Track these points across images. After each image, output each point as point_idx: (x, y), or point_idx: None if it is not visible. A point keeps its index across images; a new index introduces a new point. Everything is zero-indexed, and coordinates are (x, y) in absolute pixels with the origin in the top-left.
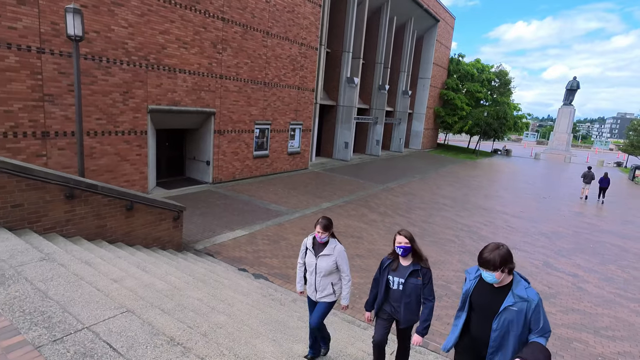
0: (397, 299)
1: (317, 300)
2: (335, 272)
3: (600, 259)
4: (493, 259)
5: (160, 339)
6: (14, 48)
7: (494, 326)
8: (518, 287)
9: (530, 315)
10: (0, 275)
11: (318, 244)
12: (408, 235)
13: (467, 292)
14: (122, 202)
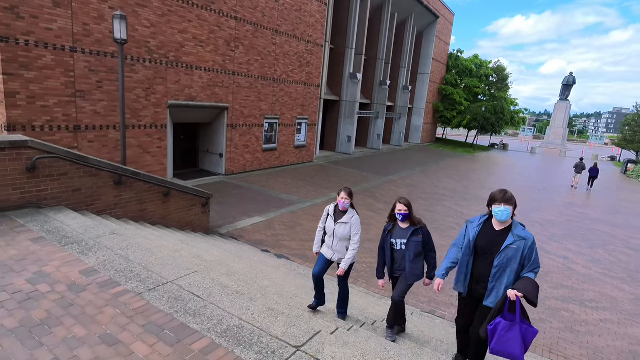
0: (402, 259)
1: (332, 260)
2: (349, 239)
3: (589, 244)
4: (512, 197)
5: (229, 291)
6: (50, 47)
7: (495, 263)
8: (517, 229)
9: (526, 252)
10: (85, 245)
11: (339, 212)
12: (407, 203)
13: (472, 238)
14: (160, 189)
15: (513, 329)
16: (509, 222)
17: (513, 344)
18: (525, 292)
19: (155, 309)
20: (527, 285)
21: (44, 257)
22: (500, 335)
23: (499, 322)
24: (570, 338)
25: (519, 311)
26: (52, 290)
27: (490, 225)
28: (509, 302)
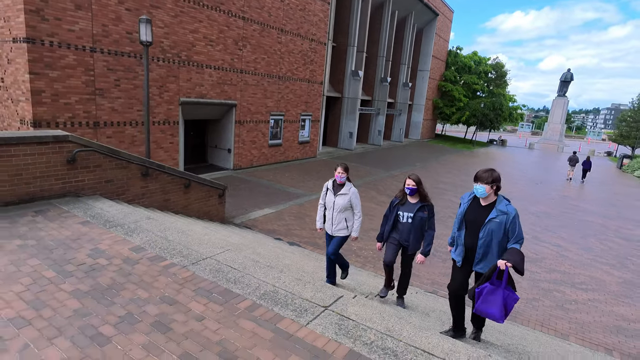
0: (407, 231)
1: (333, 234)
2: (349, 210)
3: (582, 234)
4: (486, 176)
5: (260, 265)
6: (72, 48)
7: (480, 235)
8: (501, 204)
9: (508, 225)
10: (127, 227)
11: (337, 185)
12: (416, 179)
13: (462, 213)
14: (182, 181)
15: (496, 293)
16: (492, 198)
17: (494, 305)
18: (514, 262)
19: (201, 278)
20: (515, 256)
21: (95, 237)
22: (485, 297)
23: (485, 286)
24: (561, 314)
25: (506, 278)
26: (111, 263)
27: (478, 201)
28: (498, 271)
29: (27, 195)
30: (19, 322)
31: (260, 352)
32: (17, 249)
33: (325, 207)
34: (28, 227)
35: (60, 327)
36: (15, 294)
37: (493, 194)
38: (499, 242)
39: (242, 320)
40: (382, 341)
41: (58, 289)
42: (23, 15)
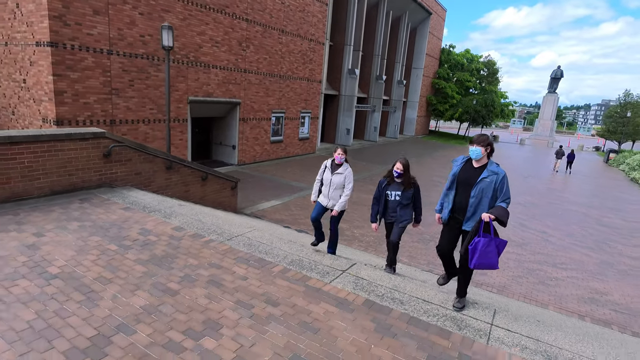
0: (395, 207)
1: (326, 206)
2: (343, 188)
3: (566, 222)
4: (482, 139)
5: (284, 240)
6: (91, 51)
7: (472, 193)
8: (491, 166)
9: (497, 185)
10: (164, 212)
11: (335, 165)
12: (405, 164)
13: (454, 174)
14: (199, 173)
15: (491, 244)
16: (484, 160)
17: (492, 255)
18: (498, 215)
19: (237, 250)
20: (499, 210)
21: (140, 220)
22: (482, 251)
23: (478, 241)
24: (542, 289)
25: (493, 230)
26: (159, 239)
27: (470, 163)
28: (484, 224)
29: (70, 186)
30: (102, 280)
31: (296, 300)
32: (78, 228)
33: (322, 183)
34: (80, 212)
35: (137, 284)
36: (91, 261)
37: (486, 156)
38: (489, 201)
39: (278, 279)
40: (391, 294)
41: (123, 257)
42: (47, 21)
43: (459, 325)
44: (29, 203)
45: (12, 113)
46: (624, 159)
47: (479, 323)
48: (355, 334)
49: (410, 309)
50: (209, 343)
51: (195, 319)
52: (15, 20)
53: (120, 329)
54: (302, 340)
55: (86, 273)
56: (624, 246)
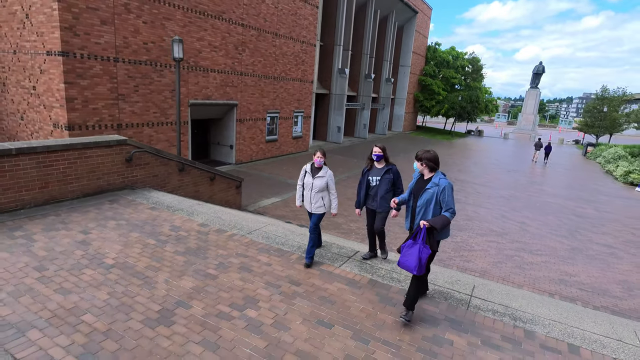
0: (375, 192)
1: (312, 211)
2: (325, 190)
3: (543, 213)
4: (420, 155)
5: (296, 234)
6: (99, 59)
7: (418, 203)
8: (436, 177)
9: (439, 195)
10: (187, 210)
11: (315, 168)
12: (381, 147)
13: (411, 185)
14: (208, 174)
15: (413, 247)
16: (429, 173)
17: (411, 258)
18: (432, 223)
19: (258, 242)
20: (437, 219)
21: (167, 218)
22: (405, 252)
23: (407, 242)
24: (518, 272)
25: (422, 235)
26: (189, 235)
27: (423, 176)
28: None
29: (98, 188)
30: (152, 268)
31: (314, 280)
32: (116, 226)
33: (304, 188)
34: (113, 212)
35: (181, 271)
36: (138, 254)
37: (427, 170)
38: (433, 210)
39: (296, 265)
40: (390, 274)
41: (163, 250)
42: (58, 32)
43: (445, 296)
44: (65, 205)
45: (21, 118)
46: (600, 152)
47: (461, 295)
48: (363, 304)
49: (406, 286)
50: (251, 313)
51: (236, 296)
52: (25, 29)
53: (179, 304)
54: (323, 310)
55: (137, 263)
56: (593, 234)
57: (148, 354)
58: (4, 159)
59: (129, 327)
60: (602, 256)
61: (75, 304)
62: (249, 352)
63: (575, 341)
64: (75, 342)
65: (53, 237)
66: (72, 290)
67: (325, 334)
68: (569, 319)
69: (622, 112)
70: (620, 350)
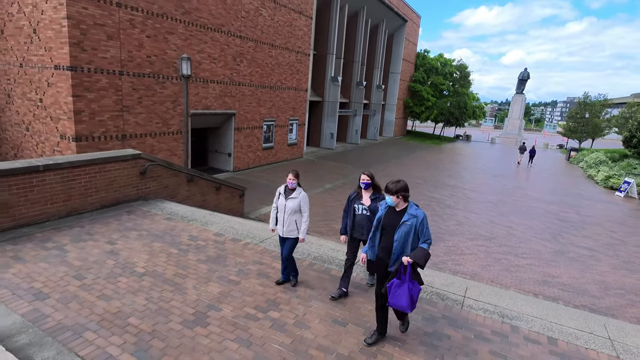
0: (364, 223)
1: (284, 235)
2: (299, 213)
3: (528, 217)
4: (392, 188)
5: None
6: (105, 73)
7: (395, 237)
8: (411, 209)
9: (418, 227)
10: (201, 221)
11: (288, 190)
12: (370, 174)
13: (379, 217)
14: (214, 184)
15: (402, 286)
16: (403, 205)
17: (402, 297)
18: (415, 258)
19: (271, 250)
20: (418, 252)
21: (184, 228)
22: (393, 292)
23: (393, 282)
24: (506, 274)
25: (409, 273)
26: (207, 244)
27: (393, 208)
28: (403, 266)
29: (115, 200)
30: (180, 275)
31: (326, 284)
32: (138, 237)
33: (278, 210)
34: (132, 223)
35: (207, 277)
36: (164, 262)
37: (402, 201)
38: (412, 243)
39: (308, 270)
40: None
41: (186, 259)
42: (67, 47)
43: (441, 297)
44: (86, 216)
45: (26, 129)
46: (582, 157)
47: (455, 296)
48: (371, 305)
49: None
50: (274, 314)
51: (259, 300)
52: (32, 44)
53: (210, 307)
54: (337, 310)
55: (165, 271)
56: (575, 237)
57: (192, 350)
58: (32, 175)
59: (170, 328)
60: (583, 258)
61: (119, 309)
62: (277, 347)
63: (553, 334)
64: (127, 341)
65: (83, 247)
66: (112, 297)
67: (341, 331)
68: (549, 315)
69: (604, 118)
70: (592, 341)
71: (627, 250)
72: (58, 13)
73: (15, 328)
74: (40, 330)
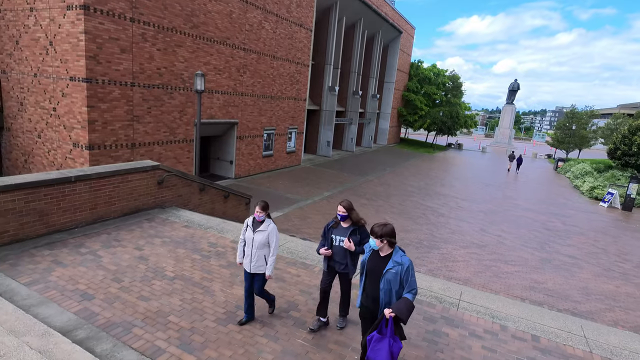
0: (341, 254)
1: (251, 270)
2: (267, 247)
3: (517, 226)
4: (377, 231)
5: (313, 248)
6: (117, 84)
7: (380, 285)
8: (396, 255)
9: (403, 275)
10: (216, 228)
11: (256, 222)
12: (347, 206)
13: (363, 261)
14: (223, 193)
15: (382, 342)
16: (387, 250)
17: (381, 353)
18: (397, 311)
19: (284, 256)
20: (401, 305)
21: (202, 235)
22: (373, 346)
23: (373, 335)
24: (496, 280)
25: (390, 327)
26: (226, 250)
27: (378, 252)
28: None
29: (135, 208)
30: (206, 279)
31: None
32: (162, 243)
33: (245, 243)
34: (154, 230)
35: (230, 281)
36: (190, 267)
37: (387, 246)
38: (397, 292)
39: (320, 276)
40: None
41: (209, 264)
42: (84, 60)
43: (440, 300)
44: (110, 223)
45: (38, 136)
46: (569, 167)
47: (451, 299)
48: None
49: None
50: (295, 314)
51: (279, 302)
52: (48, 56)
53: (238, 307)
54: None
55: (192, 275)
56: (560, 246)
57: (228, 344)
58: (65, 185)
59: (206, 325)
60: (567, 266)
61: (159, 308)
62: (301, 342)
63: (537, 333)
64: (171, 336)
65: (114, 253)
66: (150, 298)
67: (355, 329)
68: (533, 317)
69: (590, 129)
70: (569, 339)
71: (608, 258)
72: (76, 27)
73: (71, 324)
74: (94, 327)
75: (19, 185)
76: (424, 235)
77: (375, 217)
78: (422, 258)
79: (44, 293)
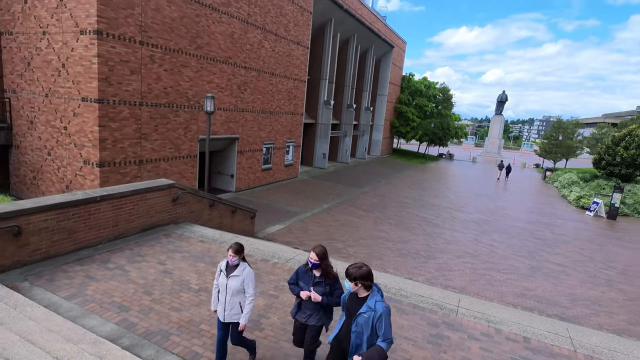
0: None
1: (225, 320)
2: (243, 293)
3: (508, 236)
4: (352, 273)
5: None
6: (127, 104)
7: (352, 327)
8: (371, 300)
9: (375, 322)
10: (229, 243)
11: (230, 267)
12: (319, 253)
13: (344, 298)
14: (231, 208)
15: None
16: (364, 292)
17: None
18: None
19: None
20: (372, 354)
21: (218, 250)
22: None
23: None
24: (489, 288)
25: None
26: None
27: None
28: None
29: (152, 224)
30: None
31: None
32: (182, 258)
33: (219, 290)
34: (172, 245)
35: None
36: (211, 280)
37: (362, 289)
38: (368, 338)
39: None
40: (399, 292)
41: None
42: (96, 82)
43: (440, 307)
44: (130, 239)
45: (48, 154)
46: (557, 177)
47: (451, 306)
48: None
49: (413, 300)
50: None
51: None
52: (60, 77)
53: (261, 316)
54: None
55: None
56: (549, 254)
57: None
58: (91, 204)
59: None
60: (555, 274)
61: (190, 318)
62: None
63: (528, 335)
64: (205, 343)
65: (139, 267)
66: (181, 308)
67: None
68: (525, 321)
69: (576, 139)
70: (556, 340)
71: (594, 266)
72: (89, 51)
73: (114, 334)
74: (135, 335)
75: (52, 206)
76: (420, 245)
77: (373, 228)
78: (420, 268)
79: (84, 306)
